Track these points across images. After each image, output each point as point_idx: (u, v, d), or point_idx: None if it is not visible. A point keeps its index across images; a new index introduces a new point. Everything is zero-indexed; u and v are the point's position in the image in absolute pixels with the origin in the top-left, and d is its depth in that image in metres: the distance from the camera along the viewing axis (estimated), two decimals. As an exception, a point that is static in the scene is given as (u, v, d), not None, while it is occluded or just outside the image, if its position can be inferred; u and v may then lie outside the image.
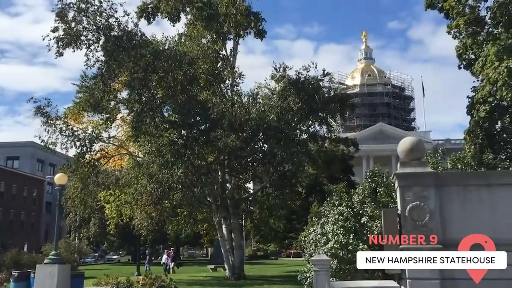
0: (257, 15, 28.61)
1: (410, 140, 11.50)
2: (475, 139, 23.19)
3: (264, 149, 25.82)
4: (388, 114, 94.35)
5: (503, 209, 10.37)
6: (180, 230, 34.92)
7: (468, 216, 10.62)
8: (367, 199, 15.56)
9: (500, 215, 10.37)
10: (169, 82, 23.37)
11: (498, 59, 21.54)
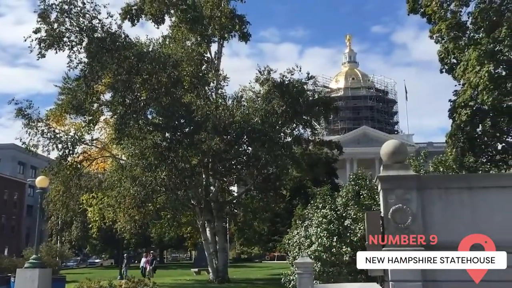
0: (241, 18, 28.67)
1: (393, 143, 11.59)
2: (457, 142, 23.46)
3: (248, 152, 25.82)
4: (372, 117, 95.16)
5: (483, 211, 10.50)
6: (163, 233, 34.75)
7: (449, 218, 10.73)
8: (351, 202, 15.63)
9: (480, 218, 10.49)
10: (153, 85, 23.24)
11: (479, 64, 21.87)
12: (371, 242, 10.55)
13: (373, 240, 10.35)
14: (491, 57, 21.71)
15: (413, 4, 24.72)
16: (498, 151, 25.16)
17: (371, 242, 10.67)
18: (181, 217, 28.94)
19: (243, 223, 34.06)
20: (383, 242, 10.65)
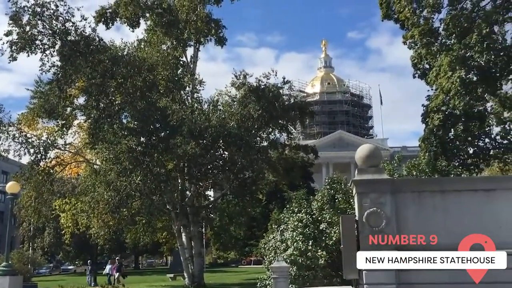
0: (217, 22, 28.63)
1: (367, 147, 11.70)
2: (430, 146, 23.85)
3: (224, 156, 25.75)
4: (347, 122, 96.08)
5: (455, 214, 10.67)
6: (138, 239, 34.29)
7: (422, 221, 10.87)
8: (326, 206, 15.72)
9: (452, 221, 10.67)
10: (128, 88, 23.00)
11: (451, 69, 22.29)
12: (370, 242, 10.60)
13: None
14: (463, 63, 22.16)
15: (387, 10, 25.10)
16: (469, 155, 25.68)
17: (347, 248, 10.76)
18: (157, 222, 28.67)
19: (219, 227, 34.00)
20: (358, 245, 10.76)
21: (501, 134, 25.68)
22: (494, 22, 22.37)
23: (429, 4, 22.58)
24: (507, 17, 22.51)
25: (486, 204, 10.82)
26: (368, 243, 10.62)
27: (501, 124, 25.52)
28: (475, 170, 25.39)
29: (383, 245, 10.50)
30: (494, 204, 10.81)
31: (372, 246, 10.59)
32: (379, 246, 10.49)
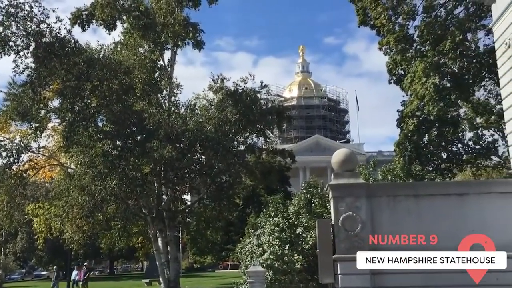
0: (195, 26, 28.51)
1: (343, 152, 11.81)
2: (404, 151, 24.17)
3: (201, 160, 25.60)
4: (324, 127, 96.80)
5: (429, 218, 10.84)
6: (113, 244, 33.82)
7: (397, 225, 11.01)
8: (303, 210, 15.80)
9: (426, 225, 10.82)
10: (104, 91, 22.70)
11: (425, 76, 22.70)
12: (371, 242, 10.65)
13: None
14: (437, 69, 22.59)
15: (363, 17, 25.41)
16: (443, 160, 26.11)
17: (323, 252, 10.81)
18: (132, 227, 28.32)
19: (196, 232, 33.73)
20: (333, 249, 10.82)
21: (474, 139, 26.18)
22: (467, 30, 22.87)
23: (404, 11, 22.97)
24: (479, 25, 23.04)
25: (459, 208, 11.03)
26: (344, 247, 10.72)
27: (473, 130, 26.03)
28: (448, 175, 25.84)
29: (358, 249, 10.61)
30: (466, 208, 11.03)
31: (348, 250, 10.70)
32: (354, 250, 10.59)
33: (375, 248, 10.49)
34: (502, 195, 11.09)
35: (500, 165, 27.40)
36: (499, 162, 27.27)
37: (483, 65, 23.00)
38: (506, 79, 11.87)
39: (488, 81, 24.46)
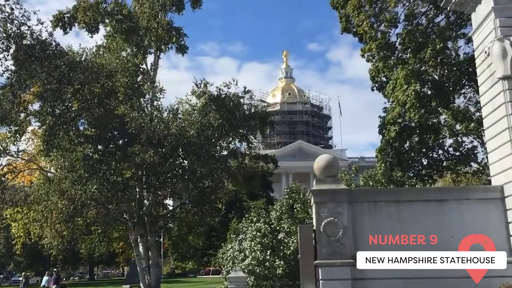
0: (179, 30, 28.42)
1: (326, 157, 11.87)
2: (386, 157, 24.38)
3: (183, 165, 25.42)
4: (307, 132, 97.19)
5: (409, 224, 10.94)
6: (94, 249, 33.39)
7: (378, 231, 11.08)
8: (285, 215, 15.83)
9: (406, 230, 10.91)
10: (85, 95, 22.44)
11: (406, 83, 22.98)
12: (305, 257, 10.68)
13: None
14: (418, 77, 22.87)
15: (346, 24, 25.63)
16: (424, 166, 26.40)
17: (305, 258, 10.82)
18: (113, 231, 27.98)
19: (177, 237, 33.45)
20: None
21: (454, 146, 26.55)
22: (448, 38, 23.23)
23: (386, 19, 23.23)
24: (460, 34, 23.42)
25: (439, 213, 11.16)
26: (325, 253, 10.75)
27: (453, 136, 26.40)
28: (429, 181, 26.14)
29: (340, 255, 10.66)
30: (446, 214, 11.16)
31: (329, 256, 10.74)
32: (335, 256, 10.63)
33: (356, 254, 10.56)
34: (481, 201, 11.27)
35: (480, 171, 27.83)
36: (478, 168, 27.71)
37: (463, 73, 23.36)
38: (486, 87, 12.06)
39: (468, 89, 24.87)
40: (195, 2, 29.44)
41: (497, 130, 11.39)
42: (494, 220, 11.00)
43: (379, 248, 10.79)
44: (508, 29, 11.36)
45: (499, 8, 11.53)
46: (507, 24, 11.40)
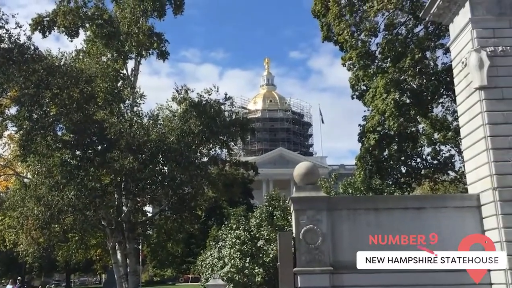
0: (160, 36, 28.36)
1: (305, 165, 11.89)
2: (365, 165, 24.54)
3: (163, 171, 25.26)
4: (288, 139, 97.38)
5: (387, 232, 10.99)
6: (70, 256, 32.85)
7: (357, 238, 11.13)
8: (264, 223, 15.81)
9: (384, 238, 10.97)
10: (64, 100, 22.18)
11: (386, 91, 23.21)
12: (284, 265, 10.65)
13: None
14: (397, 86, 23.12)
15: (327, 33, 25.83)
16: (402, 174, 26.66)
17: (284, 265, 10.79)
18: (90, 238, 27.63)
19: (156, 244, 33.15)
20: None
21: (432, 154, 26.87)
22: (426, 48, 23.56)
23: (366, 28, 23.47)
24: (438, 44, 23.79)
25: (417, 221, 11.25)
26: (304, 260, 10.75)
27: (431, 145, 26.71)
28: (407, 189, 26.39)
29: (319, 262, 10.66)
30: (424, 221, 11.26)
31: (308, 263, 10.73)
32: (314, 263, 10.63)
33: (335, 264, 10.59)
34: (457, 210, 11.41)
35: (457, 179, 28.22)
36: (455, 177, 28.09)
37: (441, 83, 23.69)
38: (463, 97, 12.25)
39: (445, 98, 25.23)
40: (177, 8, 29.41)
41: (474, 139, 11.57)
42: (471, 228, 11.13)
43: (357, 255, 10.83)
44: (485, 40, 11.58)
45: (476, 20, 11.75)
46: (483, 35, 11.62)
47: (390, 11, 22.90)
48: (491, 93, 11.24)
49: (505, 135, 10.97)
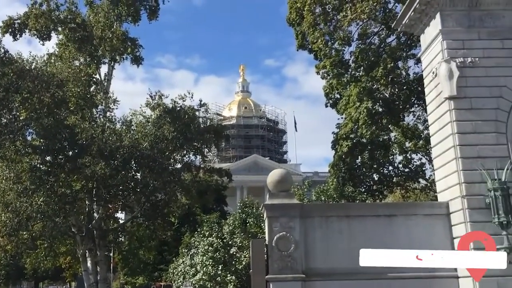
0: (134, 41, 28.13)
1: (279, 172, 11.92)
2: (339, 172, 24.75)
3: (136, 177, 25.00)
4: (263, 146, 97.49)
5: (358, 239, 11.08)
6: (39, 264, 32.11)
7: (329, 246, 11.19)
8: (237, 230, 15.76)
9: (356, 245, 11.05)
10: (34, 104, 21.74)
11: (359, 100, 23.51)
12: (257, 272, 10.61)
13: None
14: (370, 94, 23.43)
15: (302, 41, 26.03)
16: (375, 182, 26.97)
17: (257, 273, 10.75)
18: (60, 246, 27.06)
19: (128, 251, 32.72)
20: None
21: (403, 162, 27.24)
22: (398, 58, 23.97)
23: (340, 37, 23.75)
24: (410, 54, 24.22)
25: (388, 229, 11.38)
26: (277, 267, 10.74)
27: (403, 153, 27.07)
28: (379, 196, 26.71)
29: (291, 269, 10.66)
30: (395, 229, 11.40)
31: (281, 271, 10.73)
32: (286, 271, 10.63)
33: (307, 271, 10.61)
34: (427, 217, 11.59)
35: (427, 187, 28.67)
36: (426, 185, 28.53)
37: (413, 92, 24.11)
38: (433, 106, 12.49)
39: (417, 107, 25.66)
40: (152, 13, 29.28)
41: (443, 148, 11.79)
42: (440, 235, 11.32)
43: (330, 263, 10.90)
44: (455, 51, 11.85)
45: (446, 31, 12.02)
46: (453, 46, 11.90)
47: (363, 21, 23.23)
48: (460, 103, 11.49)
49: (474, 144, 11.22)
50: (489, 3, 12.08)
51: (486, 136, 11.28)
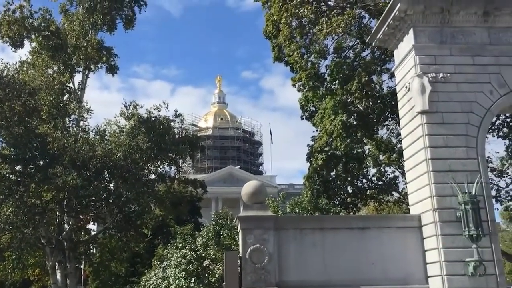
0: (109, 50, 27.96)
1: (253, 184, 11.88)
2: (313, 184, 24.77)
3: (109, 188, 24.64)
4: (238, 158, 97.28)
5: (332, 251, 11.10)
6: (6, 276, 31.20)
7: (302, 258, 11.16)
8: (211, 242, 15.60)
9: (328, 258, 11.06)
10: (4, 112, 21.34)
11: (334, 113, 23.67)
12: (230, 285, 10.50)
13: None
14: (344, 107, 23.61)
15: (278, 53, 26.12)
16: (349, 194, 27.09)
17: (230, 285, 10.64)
18: (28, 257, 26.39)
19: (99, 264, 32.06)
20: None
21: (377, 175, 27.48)
22: (373, 72, 24.25)
23: (316, 51, 23.91)
24: (384, 68, 24.54)
25: (361, 241, 11.42)
26: (250, 280, 10.65)
27: (377, 166, 27.32)
28: (353, 209, 26.84)
29: (264, 282, 10.59)
30: (368, 241, 11.44)
31: (254, 283, 10.64)
32: (260, 283, 10.55)
33: (280, 284, 10.54)
34: (400, 230, 11.68)
35: (400, 200, 28.95)
36: (399, 197, 28.81)
37: (386, 106, 24.39)
38: (406, 120, 12.67)
39: (390, 121, 25.97)
40: (128, 23, 29.16)
41: (416, 162, 11.95)
42: (412, 248, 11.42)
43: (303, 275, 10.86)
44: (427, 66, 12.07)
45: (419, 47, 12.25)
46: (426, 62, 12.12)
47: (339, 35, 23.44)
48: (432, 117, 11.68)
49: (445, 158, 11.40)
50: (461, 20, 12.37)
51: (457, 150, 11.47)
